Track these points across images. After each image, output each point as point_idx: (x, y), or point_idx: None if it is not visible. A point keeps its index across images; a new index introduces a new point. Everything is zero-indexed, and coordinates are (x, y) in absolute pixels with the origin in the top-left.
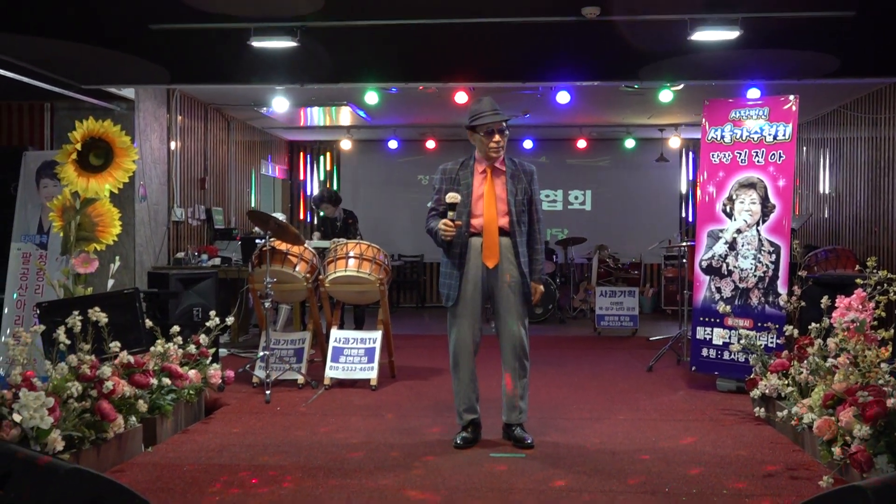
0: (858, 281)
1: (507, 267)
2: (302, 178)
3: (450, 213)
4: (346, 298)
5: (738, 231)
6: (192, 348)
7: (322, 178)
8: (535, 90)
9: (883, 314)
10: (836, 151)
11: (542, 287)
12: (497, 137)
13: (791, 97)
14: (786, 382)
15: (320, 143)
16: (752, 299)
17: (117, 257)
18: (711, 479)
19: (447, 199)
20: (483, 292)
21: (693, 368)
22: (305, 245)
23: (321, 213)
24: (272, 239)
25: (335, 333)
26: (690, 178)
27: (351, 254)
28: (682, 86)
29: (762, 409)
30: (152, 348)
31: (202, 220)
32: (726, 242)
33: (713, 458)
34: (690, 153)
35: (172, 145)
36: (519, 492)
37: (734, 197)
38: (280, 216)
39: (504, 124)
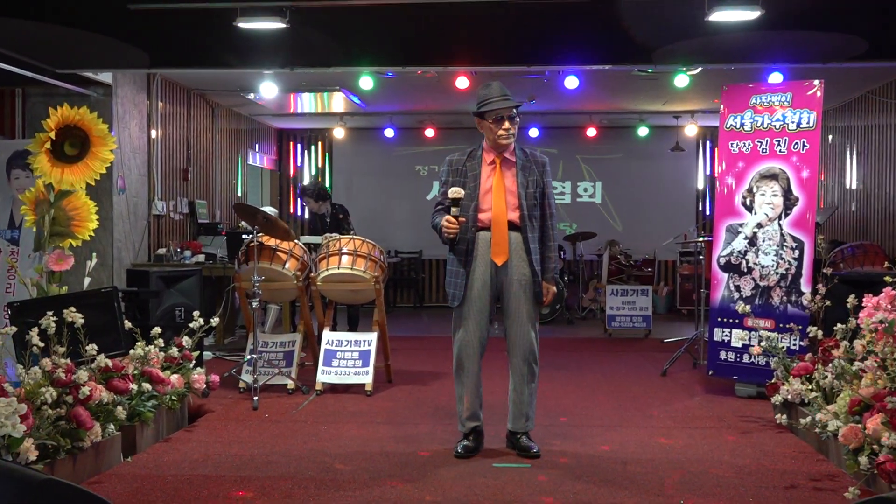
0: (887, 279)
1: (517, 264)
2: (292, 168)
3: (453, 210)
4: (339, 298)
5: (759, 225)
6: (174, 351)
7: (314, 168)
8: (541, 75)
9: None
10: (864, 140)
11: (554, 288)
12: (507, 125)
13: (816, 82)
14: (809, 387)
15: (311, 131)
16: (774, 298)
17: (94, 254)
18: (730, 490)
19: (450, 195)
20: (491, 291)
21: (710, 372)
22: (296, 241)
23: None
24: (260, 234)
25: (327, 335)
26: (708, 168)
27: (344, 250)
28: (698, 70)
29: (784, 416)
30: (132, 351)
31: (185, 213)
32: (746, 238)
33: (732, 468)
34: (708, 142)
35: (153, 134)
36: None
37: (754, 189)
38: (270, 210)
39: (514, 111)
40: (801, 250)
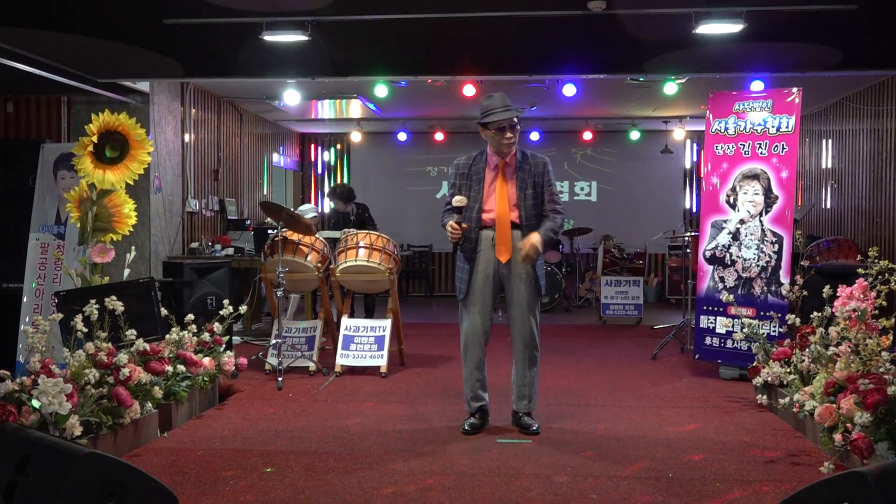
0: (860, 271)
1: (517, 259)
2: (313, 169)
3: (456, 216)
4: (356, 287)
5: (742, 221)
6: (206, 336)
7: (332, 169)
8: (541, 83)
9: (884, 303)
10: (839, 143)
11: (533, 239)
12: (509, 134)
13: (794, 89)
14: (788, 370)
15: (331, 135)
16: (755, 289)
17: (133, 247)
18: (714, 464)
19: (453, 203)
20: (494, 284)
21: (696, 356)
22: (316, 236)
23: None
24: (284, 229)
25: (346, 322)
26: (694, 169)
27: (361, 244)
28: (686, 78)
29: (764, 397)
30: (167, 336)
31: (216, 210)
32: (730, 233)
33: (716, 444)
34: (695, 145)
35: (186, 137)
36: (525, 477)
37: (738, 188)
38: (310, 208)
39: (515, 119)
40: (780, 244)
